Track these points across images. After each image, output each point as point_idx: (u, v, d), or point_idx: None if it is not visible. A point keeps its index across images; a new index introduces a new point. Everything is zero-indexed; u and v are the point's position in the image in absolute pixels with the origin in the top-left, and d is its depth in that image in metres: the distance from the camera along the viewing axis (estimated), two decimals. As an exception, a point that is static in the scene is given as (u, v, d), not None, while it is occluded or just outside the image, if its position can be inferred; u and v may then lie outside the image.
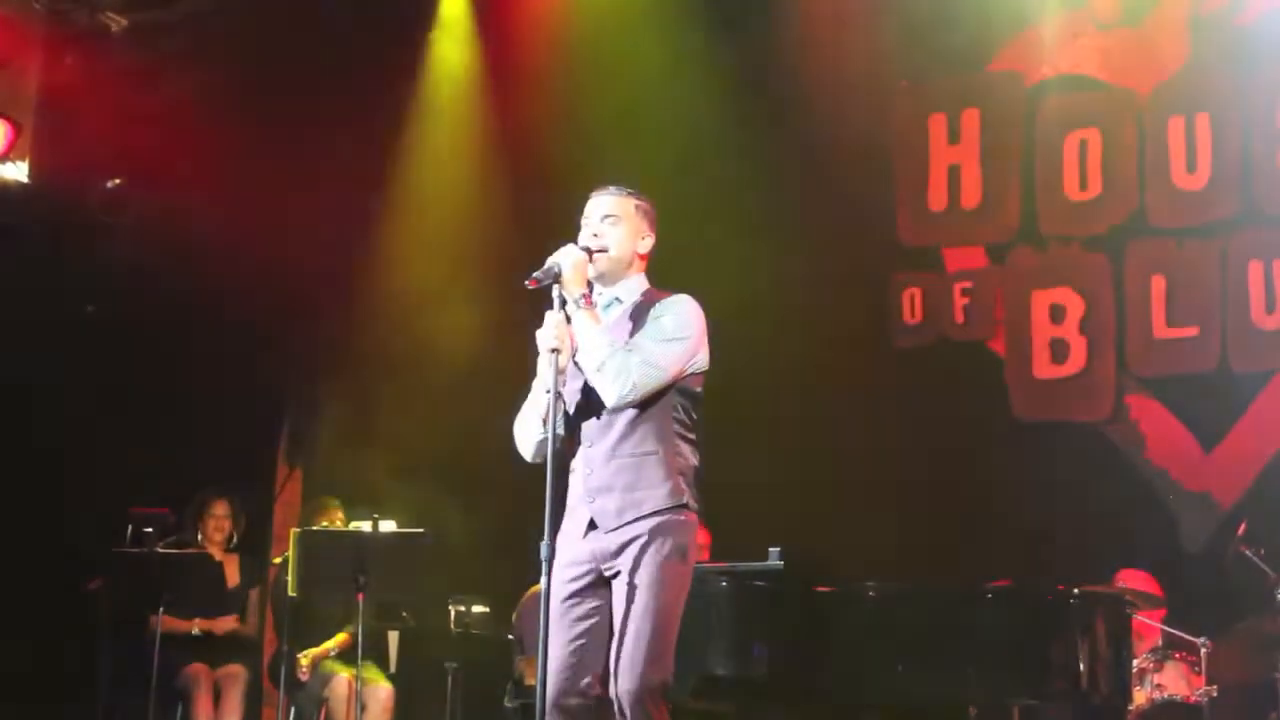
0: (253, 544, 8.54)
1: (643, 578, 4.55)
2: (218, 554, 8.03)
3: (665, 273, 5.01)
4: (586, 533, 4.64)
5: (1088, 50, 9.03)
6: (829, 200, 9.01)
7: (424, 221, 9.36)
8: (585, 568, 4.64)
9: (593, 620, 4.63)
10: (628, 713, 4.51)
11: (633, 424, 4.63)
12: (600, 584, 4.64)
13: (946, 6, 8.93)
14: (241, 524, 8.26)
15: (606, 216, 4.78)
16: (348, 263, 9.23)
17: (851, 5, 9.12)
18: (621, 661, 4.53)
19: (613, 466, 4.63)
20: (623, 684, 4.51)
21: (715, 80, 9.05)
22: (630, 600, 4.54)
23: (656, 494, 4.60)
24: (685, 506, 4.64)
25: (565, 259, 4.62)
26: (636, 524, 4.58)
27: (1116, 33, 8.98)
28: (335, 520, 7.89)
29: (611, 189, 4.84)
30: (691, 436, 4.74)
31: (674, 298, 4.77)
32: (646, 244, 4.83)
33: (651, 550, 4.56)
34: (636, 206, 4.83)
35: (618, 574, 4.60)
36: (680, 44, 9.07)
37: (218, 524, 8.14)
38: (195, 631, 7.90)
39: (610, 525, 4.61)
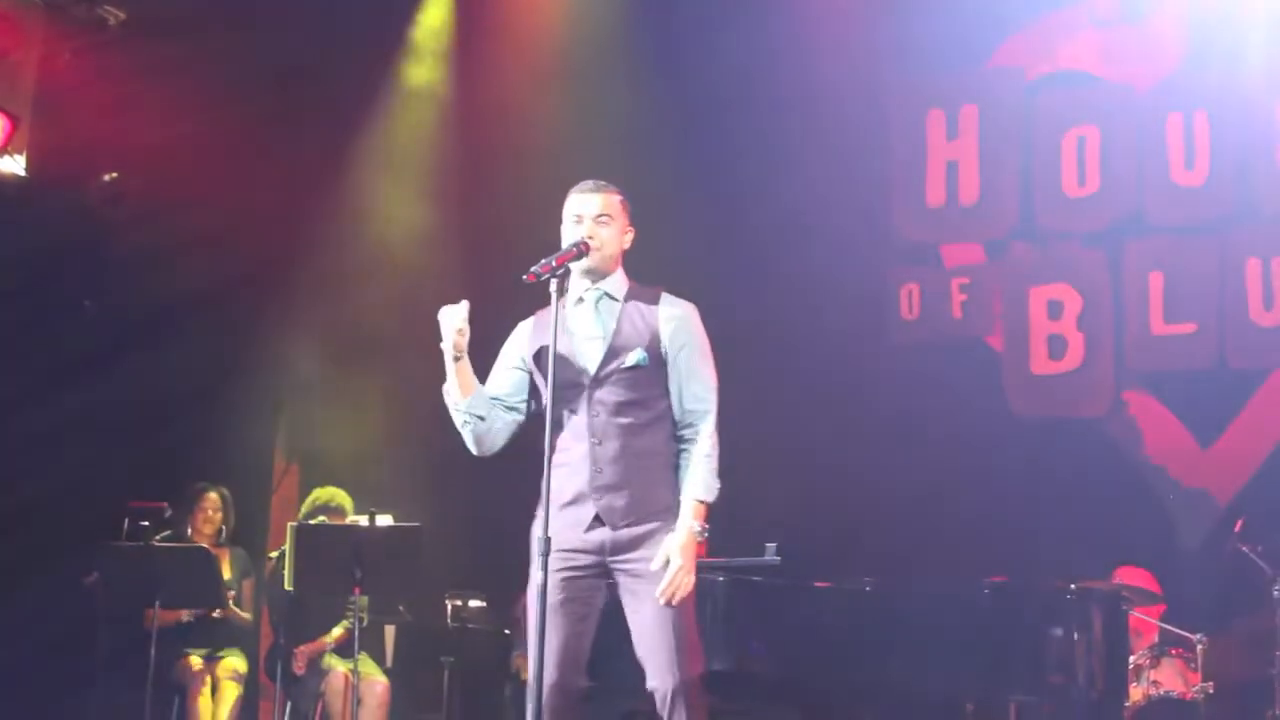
0: (246, 537, 8.53)
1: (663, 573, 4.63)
2: (208, 547, 7.99)
3: (664, 270, 5.02)
4: (592, 527, 4.71)
5: (1086, 46, 9.03)
6: (827, 195, 9.01)
7: (421, 214, 9.36)
8: (590, 559, 4.72)
9: (591, 609, 4.74)
10: (671, 707, 4.59)
11: (641, 426, 4.75)
12: (602, 575, 4.74)
13: (945, 1, 8.92)
14: (232, 518, 8.24)
15: (600, 216, 4.85)
16: (349, 256, 9.22)
17: (850, 0, 9.11)
18: (659, 657, 4.63)
19: (621, 465, 4.72)
20: (665, 680, 4.61)
21: (713, 76, 9.04)
22: (654, 597, 4.62)
23: (663, 492, 4.74)
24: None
25: (688, 571, 4.66)
26: (647, 521, 4.70)
27: (1115, 29, 8.98)
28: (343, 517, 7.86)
29: (598, 186, 4.90)
30: (681, 434, 4.85)
31: (684, 311, 4.88)
32: (629, 238, 4.94)
33: (671, 548, 4.66)
34: (621, 203, 4.92)
35: (629, 569, 4.69)
36: (679, 39, 9.06)
37: (207, 517, 8.11)
38: (185, 618, 7.85)
39: (620, 522, 4.70)
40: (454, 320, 4.69)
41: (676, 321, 4.83)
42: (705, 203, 8.93)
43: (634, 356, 4.75)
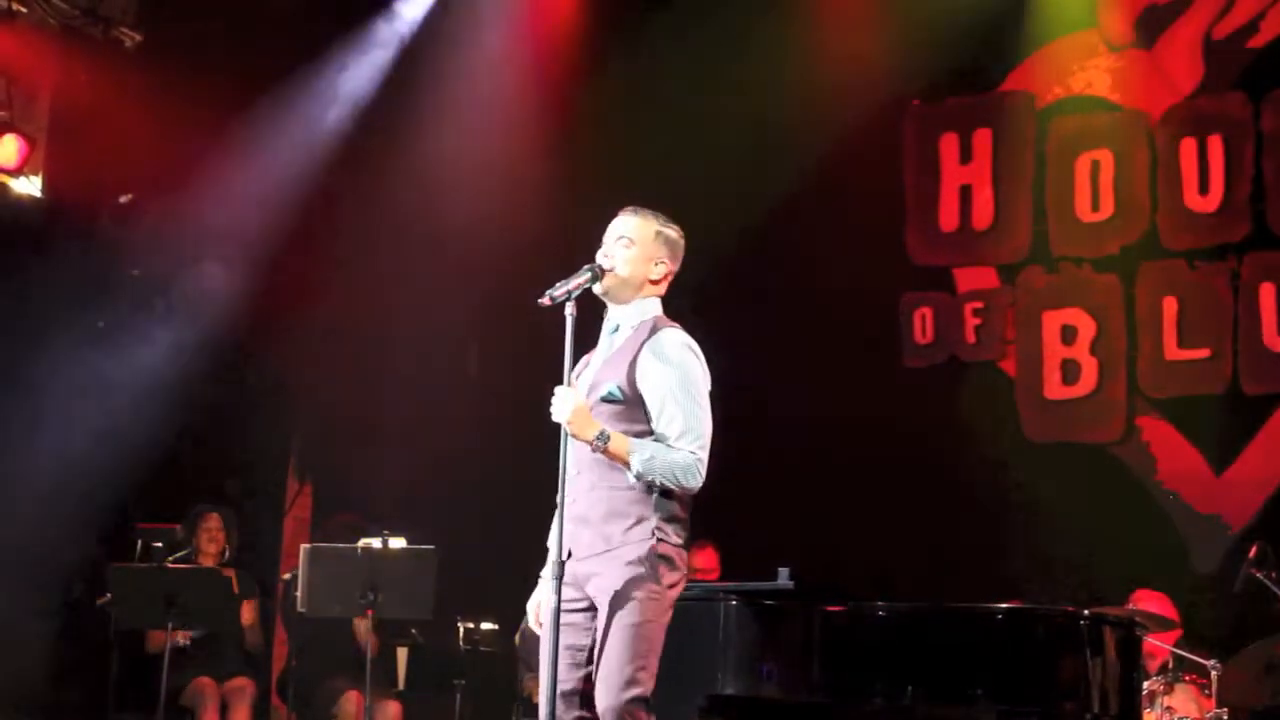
0: (258, 559, 8.53)
1: (614, 604, 4.56)
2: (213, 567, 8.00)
3: (675, 294, 5.02)
4: (570, 557, 4.63)
5: (1100, 71, 9.04)
6: (841, 219, 9.01)
7: (433, 237, 9.37)
8: (574, 591, 4.64)
9: (588, 640, 4.65)
10: None
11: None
12: (590, 604, 4.67)
13: (959, 26, 8.93)
14: (235, 538, 8.23)
15: (621, 238, 4.76)
16: (367, 277, 9.24)
17: (864, 24, 9.12)
18: (599, 684, 4.58)
19: (592, 498, 4.64)
20: (600, 704, 4.55)
21: (730, 98, 9.05)
22: (605, 626, 4.58)
23: (623, 527, 4.61)
24: (657, 539, 4.61)
25: (563, 408, 4.54)
26: (604, 555, 4.61)
27: (1129, 54, 8.99)
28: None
29: (635, 210, 4.81)
30: None
31: (664, 339, 4.69)
32: (659, 270, 4.78)
33: (620, 579, 4.57)
34: (658, 233, 4.78)
35: (594, 598, 4.64)
36: (695, 60, 9.07)
37: (210, 536, 8.10)
38: (181, 641, 7.79)
39: (581, 554, 4.63)
40: None
41: (651, 350, 4.65)
42: (718, 224, 8.92)
43: (605, 388, 4.65)
